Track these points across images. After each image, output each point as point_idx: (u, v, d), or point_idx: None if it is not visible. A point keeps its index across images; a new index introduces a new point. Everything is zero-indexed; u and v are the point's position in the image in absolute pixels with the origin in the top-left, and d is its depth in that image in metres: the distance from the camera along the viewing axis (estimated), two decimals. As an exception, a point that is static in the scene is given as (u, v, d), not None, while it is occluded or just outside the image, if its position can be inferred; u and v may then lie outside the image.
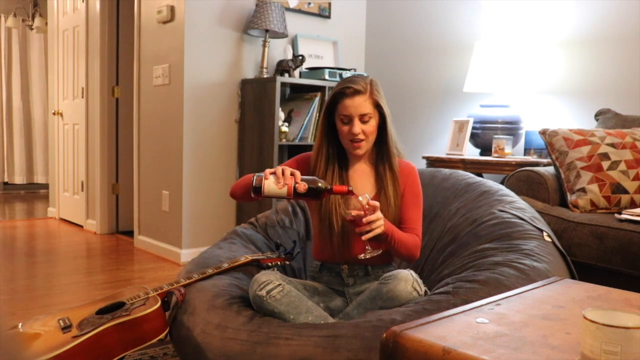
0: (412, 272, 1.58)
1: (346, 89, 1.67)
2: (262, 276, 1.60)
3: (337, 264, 1.76)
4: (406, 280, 1.53)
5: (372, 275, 1.74)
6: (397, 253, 1.69)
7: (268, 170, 1.55)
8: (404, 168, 1.77)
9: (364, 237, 1.55)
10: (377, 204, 1.55)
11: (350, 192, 1.55)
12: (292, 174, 1.53)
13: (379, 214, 1.55)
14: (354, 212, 1.55)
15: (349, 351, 1.34)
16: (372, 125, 1.68)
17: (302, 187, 1.52)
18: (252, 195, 1.54)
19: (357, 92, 1.67)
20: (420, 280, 1.57)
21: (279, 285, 1.58)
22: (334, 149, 1.76)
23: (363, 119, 1.67)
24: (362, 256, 1.60)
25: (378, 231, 1.54)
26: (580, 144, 2.43)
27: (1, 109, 7.03)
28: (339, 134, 1.72)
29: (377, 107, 1.69)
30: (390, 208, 1.70)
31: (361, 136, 1.67)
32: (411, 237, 1.69)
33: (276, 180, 1.52)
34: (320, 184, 1.54)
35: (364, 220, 1.53)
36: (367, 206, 1.54)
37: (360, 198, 1.54)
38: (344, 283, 1.75)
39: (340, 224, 1.69)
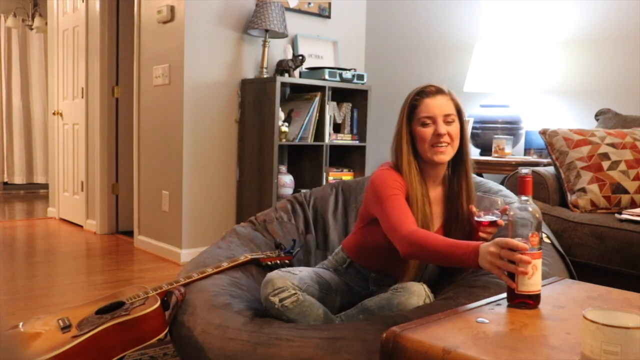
0: (425, 286, 1.50)
1: (426, 88, 1.58)
2: (279, 280, 1.53)
3: (370, 270, 1.69)
4: (419, 295, 1.47)
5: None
6: None
7: (511, 267, 1.17)
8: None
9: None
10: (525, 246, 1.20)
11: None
12: (516, 248, 1.16)
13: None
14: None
15: (349, 353, 1.34)
16: (456, 128, 1.55)
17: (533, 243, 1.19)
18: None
19: (439, 91, 1.57)
20: (432, 295, 1.51)
21: (294, 294, 1.52)
22: (417, 163, 1.56)
23: (446, 120, 1.53)
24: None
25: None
26: (580, 144, 2.43)
27: (1, 109, 7.03)
28: (416, 142, 1.55)
29: (458, 111, 1.58)
30: (462, 231, 1.56)
31: (446, 139, 1.53)
32: None
33: (524, 268, 1.16)
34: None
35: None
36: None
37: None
38: (367, 288, 1.72)
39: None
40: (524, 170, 1.21)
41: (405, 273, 1.58)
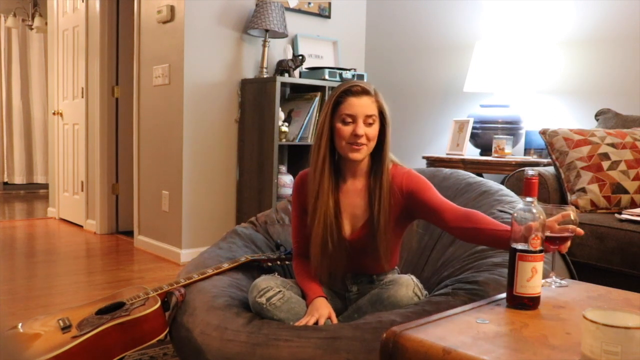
0: (412, 277, 1.56)
1: (353, 87, 1.57)
2: (262, 282, 1.58)
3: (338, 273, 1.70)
4: (407, 286, 1.52)
5: (376, 283, 1.66)
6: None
7: None
8: (397, 177, 1.62)
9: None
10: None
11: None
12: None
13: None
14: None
15: (348, 353, 1.34)
16: (375, 129, 1.57)
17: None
18: None
19: (365, 92, 1.57)
20: (421, 285, 1.56)
21: (279, 292, 1.56)
22: (332, 158, 1.62)
23: (367, 121, 1.56)
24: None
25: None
26: (580, 144, 2.43)
27: (1, 109, 7.03)
28: (335, 138, 1.58)
29: (380, 113, 1.59)
30: (379, 224, 1.58)
31: (363, 140, 1.55)
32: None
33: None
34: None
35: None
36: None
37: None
38: (347, 289, 1.72)
39: (335, 243, 1.60)
40: (530, 172, 1.20)
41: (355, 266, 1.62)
